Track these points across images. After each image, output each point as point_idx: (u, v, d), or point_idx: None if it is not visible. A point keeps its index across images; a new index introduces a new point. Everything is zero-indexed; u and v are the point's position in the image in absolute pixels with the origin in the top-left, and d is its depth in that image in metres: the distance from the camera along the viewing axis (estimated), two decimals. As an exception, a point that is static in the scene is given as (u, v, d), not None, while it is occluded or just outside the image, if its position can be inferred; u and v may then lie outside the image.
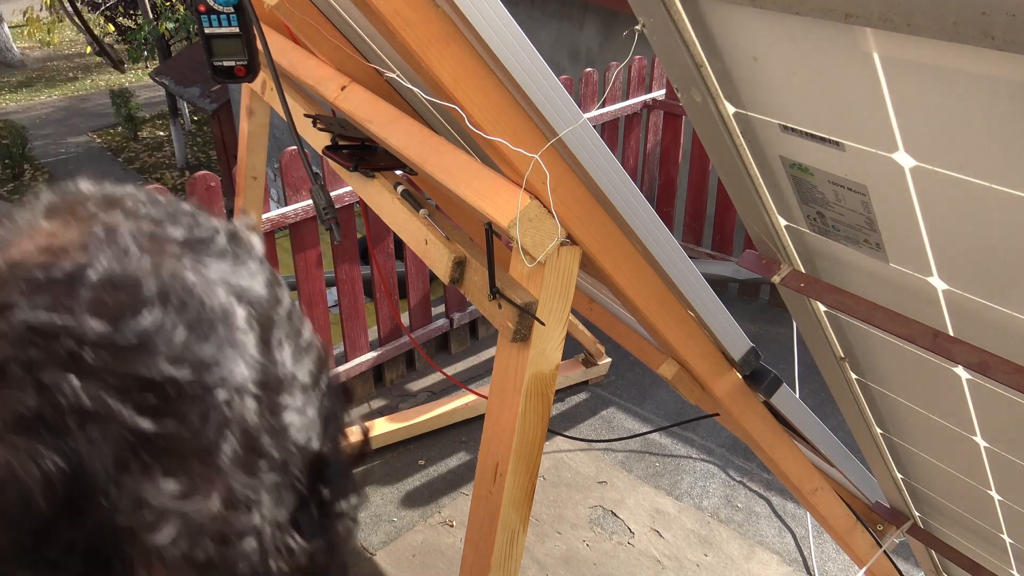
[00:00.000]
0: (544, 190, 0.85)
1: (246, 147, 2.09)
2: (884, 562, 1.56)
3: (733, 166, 0.89)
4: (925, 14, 0.50)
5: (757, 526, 2.59)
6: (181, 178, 12.86)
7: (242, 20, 0.82)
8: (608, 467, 2.85)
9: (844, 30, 0.60)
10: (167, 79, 11.82)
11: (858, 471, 1.49)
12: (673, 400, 3.17)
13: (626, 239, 0.97)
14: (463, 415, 3.02)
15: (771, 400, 1.23)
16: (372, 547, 2.50)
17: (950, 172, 0.65)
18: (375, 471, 2.81)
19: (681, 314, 1.09)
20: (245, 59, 0.84)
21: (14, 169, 13.23)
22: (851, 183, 0.77)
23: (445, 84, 0.80)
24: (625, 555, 2.48)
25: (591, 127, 0.84)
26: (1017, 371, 0.77)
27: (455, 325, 3.43)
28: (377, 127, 1.09)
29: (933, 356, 0.95)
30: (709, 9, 0.71)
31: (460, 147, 1.03)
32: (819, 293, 0.96)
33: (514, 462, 0.97)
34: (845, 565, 2.44)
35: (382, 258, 3.04)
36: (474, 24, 0.74)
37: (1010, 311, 0.76)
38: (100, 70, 18.94)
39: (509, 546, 1.00)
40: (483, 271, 0.97)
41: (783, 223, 0.96)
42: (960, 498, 1.32)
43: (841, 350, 1.17)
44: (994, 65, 0.52)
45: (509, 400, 0.97)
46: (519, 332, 0.93)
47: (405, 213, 1.16)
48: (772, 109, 0.76)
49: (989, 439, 1.05)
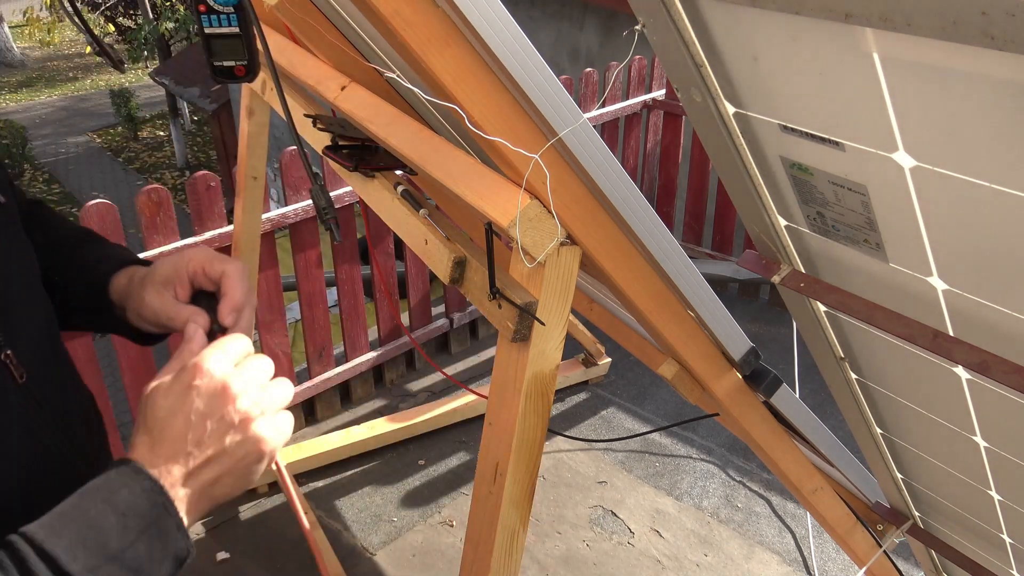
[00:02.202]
0: (544, 190, 0.85)
1: (246, 147, 2.09)
2: (884, 562, 1.56)
3: (733, 166, 0.89)
4: (925, 14, 0.50)
5: (757, 526, 2.59)
6: (181, 178, 12.86)
7: (242, 20, 0.81)
8: (608, 467, 2.85)
9: (844, 30, 0.60)
10: (167, 79, 11.83)
11: (858, 471, 1.49)
12: (673, 400, 3.17)
13: (626, 239, 0.97)
14: (463, 415, 3.02)
15: (771, 400, 1.23)
16: (372, 547, 2.50)
17: (950, 172, 0.65)
18: (375, 471, 2.81)
19: (681, 314, 1.09)
20: (245, 59, 0.84)
21: (14, 169, 13.22)
22: (851, 183, 0.77)
23: (445, 84, 0.80)
24: (625, 555, 2.48)
25: (591, 127, 0.84)
26: (1017, 371, 0.77)
27: (455, 325, 3.43)
28: (377, 127, 1.09)
29: (933, 356, 0.95)
30: (709, 9, 0.71)
31: (460, 147, 1.03)
32: (819, 293, 0.96)
33: (514, 462, 0.97)
34: (845, 565, 2.44)
35: (382, 258, 3.04)
36: (474, 24, 0.74)
37: (1010, 311, 0.76)
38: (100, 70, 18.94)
39: (509, 546, 1.00)
40: (483, 271, 0.97)
41: (783, 223, 0.96)
42: (960, 498, 1.32)
43: (841, 350, 1.17)
44: (994, 65, 0.52)
45: (509, 400, 0.97)
46: (519, 332, 0.93)
47: (405, 213, 1.16)
48: (772, 109, 0.77)
49: (989, 439, 1.05)
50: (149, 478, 0.62)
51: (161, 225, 2.39)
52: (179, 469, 0.64)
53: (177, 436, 0.64)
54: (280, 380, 0.70)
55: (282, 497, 2.64)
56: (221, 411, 0.65)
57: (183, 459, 0.64)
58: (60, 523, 0.59)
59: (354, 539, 2.53)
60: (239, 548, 2.48)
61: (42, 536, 0.58)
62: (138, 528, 0.60)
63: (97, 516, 0.59)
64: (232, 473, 0.66)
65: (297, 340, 5.01)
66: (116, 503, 0.60)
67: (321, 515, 2.60)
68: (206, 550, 2.47)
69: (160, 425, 0.65)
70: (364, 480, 2.77)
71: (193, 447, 0.64)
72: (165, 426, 0.64)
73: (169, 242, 2.41)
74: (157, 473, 0.63)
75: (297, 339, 5.00)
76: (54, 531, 0.58)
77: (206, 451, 0.64)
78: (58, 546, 0.57)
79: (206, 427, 0.64)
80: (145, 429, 0.65)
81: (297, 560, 2.43)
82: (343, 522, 2.59)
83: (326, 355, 2.96)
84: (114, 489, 0.61)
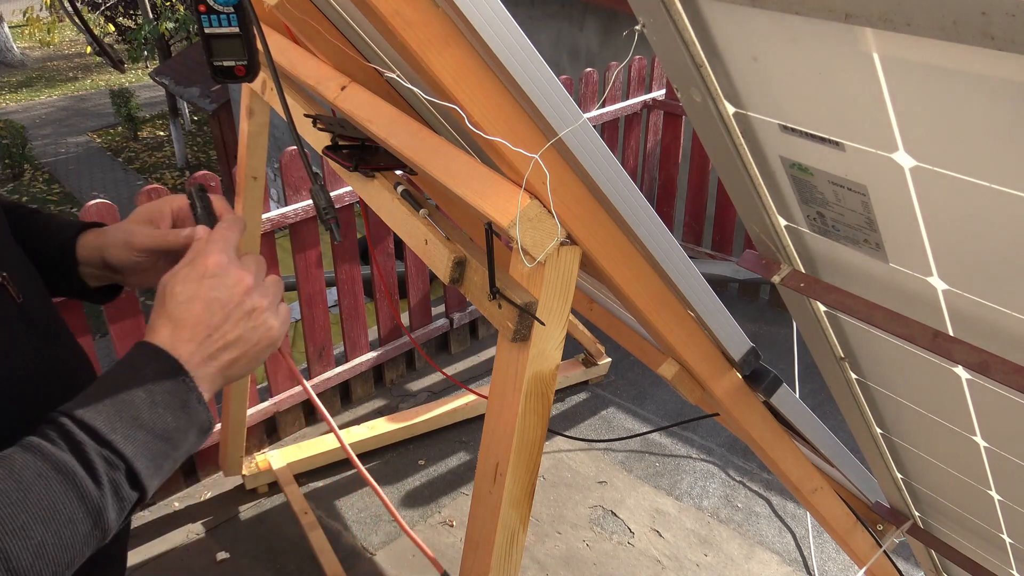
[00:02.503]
0: (544, 190, 0.85)
1: (246, 147, 2.09)
2: (884, 562, 1.56)
3: (733, 166, 0.89)
4: (925, 14, 0.50)
5: (757, 526, 2.59)
6: (181, 178, 12.86)
7: (242, 20, 0.81)
8: (608, 467, 2.85)
9: (844, 30, 0.60)
10: (167, 79, 11.83)
11: (858, 471, 1.49)
12: (673, 400, 3.17)
13: (626, 239, 0.97)
14: (463, 415, 3.02)
15: (771, 400, 1.23)
16: (372, 547, 2.50)
17: (950, 172, 0.65)
18: (375, 471, 2.81)
19: (681, 314, 1.09)
20: (245, 59, 0.84)
21: (14, 169, 13.22)
22: (851, 183, 0.77)
23: (445, 84, 0.80)
24: (625, 555, 2.48)
25: (591, 127, 0.84)
26: (1017, 371, 0.77)
27: (455, 325, 3.43)
28: (377, 127, 1.09)
29: (933, 356, 0.95)
30: (709, 9, 0.71)
31: (460, 147, 1.03)
32: (819, 293, 0.96)
33: (514, 462, 0.97)
34: (845, 565, 2.44)
35: (382, 258, 3.04)
36: (474, 24, 0.74)
37: (1010, 311, 0.76)
38: (100, 70, 18.94)
39: (509, 546, 1.00)
40: (483, 271, 0.97)
41: (783, 223, 0.96)
42: (960, 498, 1.32)
43: (841, 350, 1.17)
44: (994, 65, 0.52)
45: (509, 400, 0.97)
46: (519, 332, 0.93)
47: (405, 213, 1.16)
48: (772, 109, 0.77)
49: (989, 439, 1.05)
50: (170, 358, 0.68)
51: (161, 225, 2.39)
52: (199, 351, 0.70)
53: (197, 320, 0.70)
54: (272, 275, 0.78)
55: (282, 497, 2.64)
56: (238, 299, 0.72)
57: (203, 342, 0.70)
58: (94, 401, 0.65)
59: (354, 539, 2.53)
60: (239, 548, 2.48)
61: (81, 412, 0.64)
62: (164, 402, 0.67)
63: (127, 393, 0.66)
64: (246, 356, 0.73)
65: (297, 340, 5.01)
66: (143, 380, 0.66)
67: (321, 515, 2.60)
68: (206, 550, 2.47)
69: (179, 311, 0.70)
70: (364, 480, 2.77)
71: (213, 331, 0.70)
72: (184, 312, 0.70)
73: (169, 242, 2.40)
74: (177, 354, 0.69)
75: (297, 339, 5.01)
76: (91, 407, 0.64)
77: (225, 336, 0.71)
78: (97, 419, 0.63)
79: (224, 313, 0.71)
80: (164, 314, 0.71)
81: (297, 560, 2.43)
82: (343, 522, 2.59)
83: (326, 355, 2.96)
84: (139, 368, 0.67)
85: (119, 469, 0.63)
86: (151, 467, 0.65)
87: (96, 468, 0.62)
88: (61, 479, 0.60)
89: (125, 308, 2.39)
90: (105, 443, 0.63)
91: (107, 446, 0.63)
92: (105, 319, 2.38)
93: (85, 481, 0.61)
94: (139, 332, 2.44)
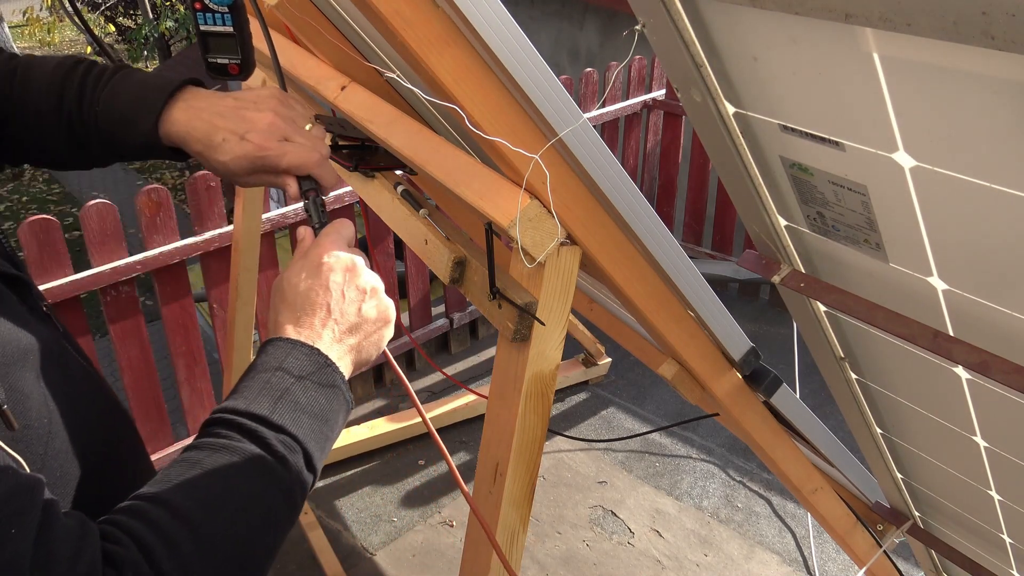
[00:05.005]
0: (544, 190, 0.85)
1: (246, 147, 2.08)
2: (884, 562, 1.56)
3: (733, 166, 0.89)
4: (925, 14, 0.50)
5: (757, 526, 2.59)
6: (181, 178, 12.84)
7: (237, 20, 0.82)
8: (608, 467, 2.85)
9: (844, 30, 0.60)
10: (167, 79, 11.81)
11: (858, 471, 1.49)
12: (673, 400, 3.17)
13: (626, 239, 0.97)
14: (463, 415, 3.02)
15: (771, 400, 1.23)
16: (372, 547, 2.50)
17: (950, 172, 0.65)
18: (375, 471, 2.81)
19: (681, 314, 1.09)
20: (239, 58, 0.85)
21: (14, 169, 13.23)
22: (851, 183, 0.77)
23: (445, 84, 0.80)
24: (625, 555, 2.48)
25: (591, 127, 0.84)
26: (1017, 371, 0.77)
27: (455, 325, 3.43)
28: (377, 127, 1.09)
29: (933, 356, 0.95)
30: (709, 9, 0.71)
31: (460, 147, 1.03)
32: (819, 293, 0.96)
33: (514, 462, 0.97)
34: (845, 565, 2.44)
35: (382, 258, 3.04)
36: (474, 24, 0.74)
37: (1010, 311, 0.76)
38: (100, 70, 18.90)
39: (509, 546, 1.00)
40: (483, 271, 0.97)
41: (783, 223, 0.96)
42: (960, 498, 1.32)
43: (841, 350, 1.17)
44: (994, 65, 0.52)
45: (509, 400, 0.97)
46: (519, 332, 0.93)
47: (405, 213, 1.16)
48: (772, 109, 0.77)
49: (989, 439, 1.05)
50: (306, 345, 0.70)
51: (161, 225, 2.39)
52: (328, 334, 0.71)
53: (320, 305, 0.72)
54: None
55: (282, 497, 2.64)
56: (354, 282, 0.74)
57: (330, 326, 0.72)
58: (251, 393, 0.66)
59: (354, 539, 2.53)
60: (239, 548, 2.48)
61: (243, 405, 0.65)
62: (314, 385, 0.68)
63: (278, 382, 0.67)
64: (369, 338, 0.75)
65: (297, 340, 5.00)
66: (288, 369, 0.68)
67: (321, 515, 2.60)
68: (206, 550, 2.46)
69: (301, 300, 0.72)
70: (364, 480, 2.77)
71: (337, 314, 0.72)
72: (306, 300, 0.72)
73: (169, 242, 2.41)
74: (312, 341, 0.70)
75: (297, 339, 5.00)
76: (250, 399, 0.65)
77: (348, 318, 0.73)
78: (262, 407, 0.65)
79: (344, 296, 0.73)
80: (287, 308, 0.72)
81: (297, 560, 2.43)
82: (343, 522, 2.59)
83: (326, 355, 2.96)
84: (280, 359, 0.68)
85: (297, 452, 0.64)
86: (318, 449, 0.67)
87: (280, 452, 0.63)
88: (258, 469, 0.62)
89: (125, 308, 2.39)
90: (278, 428, 0.64)
91: (281, 431, 0.64)
92: (105, 319, 2.38)
93: (275, 467, 0.62)
94: (139, 332, 2.44)
